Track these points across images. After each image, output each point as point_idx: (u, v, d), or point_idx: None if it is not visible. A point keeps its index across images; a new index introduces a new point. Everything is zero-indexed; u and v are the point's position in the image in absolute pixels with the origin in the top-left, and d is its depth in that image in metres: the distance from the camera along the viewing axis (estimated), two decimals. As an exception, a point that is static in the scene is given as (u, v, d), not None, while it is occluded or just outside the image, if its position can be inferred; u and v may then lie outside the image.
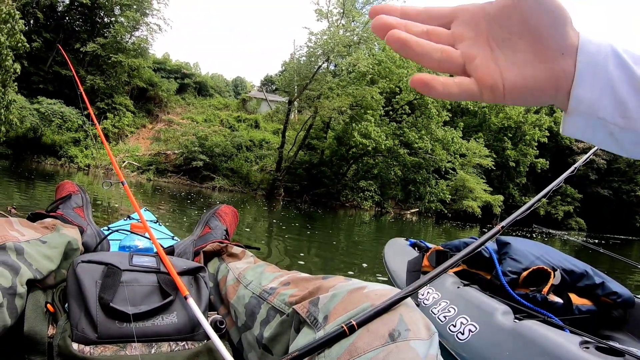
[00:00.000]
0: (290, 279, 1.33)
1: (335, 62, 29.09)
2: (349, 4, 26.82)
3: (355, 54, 25.35)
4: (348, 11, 26.63)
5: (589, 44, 0.48)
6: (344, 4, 26.69)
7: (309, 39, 27.02)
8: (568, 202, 43.09)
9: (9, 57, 13.59)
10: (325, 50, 25.42)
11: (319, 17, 27.58)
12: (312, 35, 26.78)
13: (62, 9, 33.24)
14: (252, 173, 29.40)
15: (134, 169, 28.32)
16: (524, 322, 2.07)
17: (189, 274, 1.53)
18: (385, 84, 28.06)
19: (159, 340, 1.32)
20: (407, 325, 0.90)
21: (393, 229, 18.11)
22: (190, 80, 41.44)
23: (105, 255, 1.46)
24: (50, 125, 27.28)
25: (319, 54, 26.61)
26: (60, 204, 2.04)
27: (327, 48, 25.15)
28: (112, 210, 9.93)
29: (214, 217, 2.17)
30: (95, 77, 30.15)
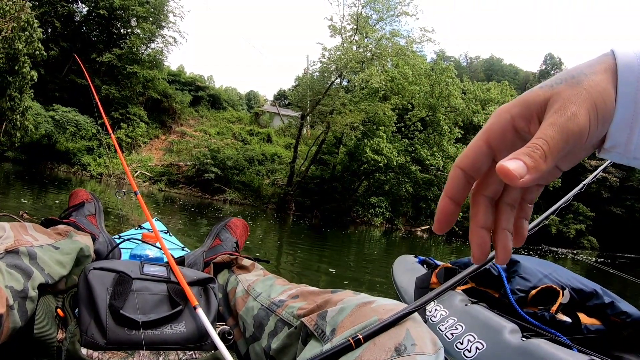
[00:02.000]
0: (299, 292, 1.34)
1: (348, 77, 29.20)
2: (362, 20, 26.94)
3: (368, 70, 25.38)
4: (362, 27, 26.73)
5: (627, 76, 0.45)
6: (358, 21, 26.81)
7: (322, 54, 27.12)
8: (580, 220, 42.62)
9: (26, 65, 13.76)
10: (339, 66, 25.49)
11: (332, 33, 27.71)
12: (326, 50, 26.89)
13: (80, 18, 33.63)
14: (264, 187, 29.43)
15: (146, 179, 28.43)
16: (532, 341, 2.06)
17: (198, 284, 1.55)
18: (398, 101, 28.05)
19: (167, 349, 1.33)
20: (414, 339, 0.91)
21: (403, 246, 18.05)
22: (204, 93, 41.62)
23: (117, 263, 1.48)
24: (65, 133, 27.53)
25: (332, 69, 26.69)
26: (73, 211, 2.06)
27: (340, 64, 25.22)
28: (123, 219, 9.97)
29: (225, 229, 2.18)
30: (111, 87, 30.40)
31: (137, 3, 32.48)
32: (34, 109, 21.51)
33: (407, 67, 27.70)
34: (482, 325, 2.37)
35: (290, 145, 32.18)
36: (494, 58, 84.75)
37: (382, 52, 26.34)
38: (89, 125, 28.53)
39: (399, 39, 27.80)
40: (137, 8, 32.30)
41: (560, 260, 19.51)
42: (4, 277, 1.16)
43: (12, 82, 13.91)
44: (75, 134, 28.11)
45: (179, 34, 35.25)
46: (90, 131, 28.51)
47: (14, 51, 13.09)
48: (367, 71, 25.36)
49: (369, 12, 28.06)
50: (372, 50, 26.59)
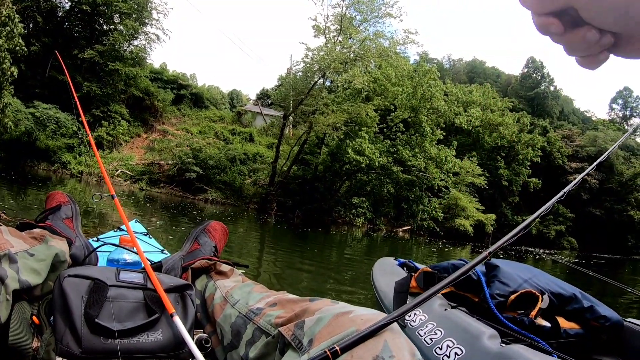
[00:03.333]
0: (277, 300, 1.33)
1: (331, 78, 29.22)
2: (346, 21, 26.96)
3: (351, 71, 25.41)
4: (345, 28, 26.76)
5: None
6: (342, 21, 26.83)
7: (306, 54, 27.09)
8: (560, 221, 43.12)
9: (6, 60, 13.60)
10: (322, 66, 25.48)
11: (316, 33, 27.71)
12: (309, 50, 26.87)
13: (62, 14, 33.27)
14: (245, 186, 29.36)
15: (126, 178, 28.24)
16: (511, 347, 2.06)
17: (175, 291, 1.53)
18: (381, 102, 28.14)
19: (143, 358, 1.32)
20: (392, 351, 0.90)
21: (384, 247, 18.11)
22: (186, 91, 41.42)
23: (92, 270, 1.46)
24: (45, 130, 27.18)
25: (315, 69, 26.68)
26: (49, 214, 2.03)
27: (323, 64, 25.22)
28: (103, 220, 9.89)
29: (204, 233, 2.16)
30: (92, 84, 30.11)
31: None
32: (14, 105, 21.25)
33: (390, 69, 27.82)
34: (461, 330, 2.37)
35: (273, 145, 32.13)
36: (476, 60, 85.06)
37: (366, 53, 26.37)
38: (69, 123, 28.21)
39: (382, 40, 27.85)
40: (120, 4, 32.01)
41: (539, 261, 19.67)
42: None
43: (-9, 78, 13.76)
44: (55, 132, 27.78)
45: (162, 31, 35.04)
46: (71, 129, 28.19)
47: (-6, 47, 12.95)
48: (350, 72, 25.39)
49: (353, 13, 28.12)
50: (355, 51, 26.62)
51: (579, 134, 50.29)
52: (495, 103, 39.49)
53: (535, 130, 42.74)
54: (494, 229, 34.52)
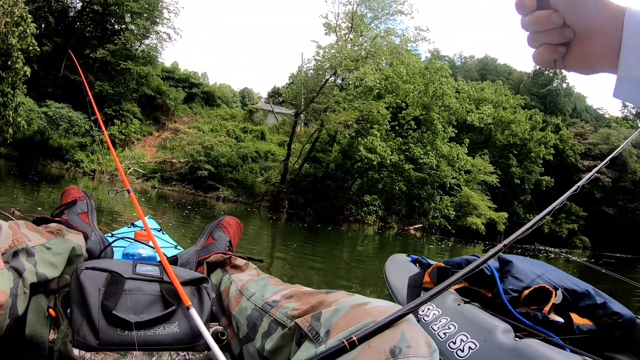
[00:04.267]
0: (293, 293, 1.33)
1: (343, 76, 29.17)
2: (357, 19, 26.91)
3: (362, 69, 25.36)
4: (356, 26, 26.71)
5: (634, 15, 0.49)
6: (353, 19, 26.78)
7: (317, 52, 27.08)
8: (573, 220, 42.74)
9: (19, 60, 13.67)
10: (333, 64, 25.46)
11: (327, 31, 27.66)
12: (320, 48, 26.85)
13: (74, 14, 33.46)
14: (257, 184, 29.40)
15: (139, 176, 28.35)
16: (525, 341, 2.06)
17: (191, 284, 1.54)
18: (392, 99, 28.08)
19: (160, 350, 1.33)
20: (408, 341, 0.90)
21: (396, 245, 18.07)
22: (198, 90, 41.52)
23: (109, 263, 1.47)
24: (58, 129, 27.39)
25: (326, 67, 26.65)
26: (65, 209, 2.04)
27: (334, 62, 25.19)
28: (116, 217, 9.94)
29: (218, 228, 2.17)
30: (104, 83, 30.26)
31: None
32: (26, 104, 21.38)
33: (402, 66, 27.74)
34: (475, 325, 2.37)
35: (284, 143, 32.16)
36: (488, 58, 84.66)
37: (377, 51, 26.28)
38: (82, 122, 28.40)
39: (393, 37, 27.76)
40: (131, 4, 32.15)
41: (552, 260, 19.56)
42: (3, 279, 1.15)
43: (4, 77, 13.82)
44: (68, 131, 27.98)
45: (174, 30, 35.14)
46: (83, 127, 28.39)
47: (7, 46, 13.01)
48: (362, 70, 25.33)
49: (364, 11, 28.06)
50: (366, 48, 26.54)
51: (592, 131, 49.94)
52: (507, 100, 39.31)
53: (548, 127, 42.44)
54: (506, 228, 34.30)
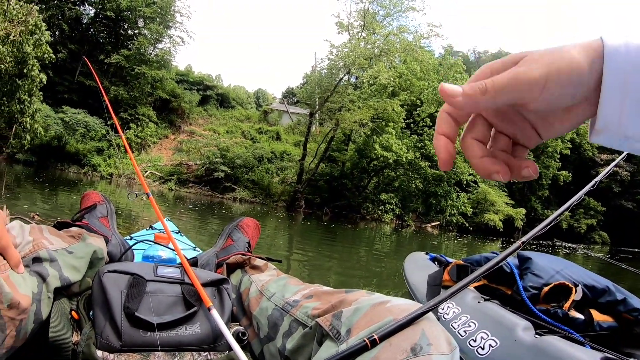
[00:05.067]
0: (313, 292, 1.34)
1: (357, 74, 29.12)
2: (369, 17, 26.87)
3: (376, 67, 25.31)
4: (369, 24, 26.66)
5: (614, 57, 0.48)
6: (365, 17, 26.75)
7: (330, 51, 27.07)
8: (591, 215, 42.19)
9: (35, 67, 13.82)
10: (347, 62, 25.44)
11: (339, 29, 27.65)
12: (333, 47, 26.83)
13: (87, 21, 33.83)
14: (273, 185, 29.45)
15: (155, 179, 28.53)
16: (545, 338, 2.05)
17: (212, 285, 1.56)
18: (407, 97, 27.99)
19: (182, 350, 1.34)
20: (429, 339, 0.91)
21: (413, 243, 18.01)
22: (212, 92, 41.68)
23: (131, 265, 1.49)
24: (74, 134, 27.72)
25: (340, 66, 26.64)
26: (85, 213, 2.06)
27: (348, 61, 25.17)
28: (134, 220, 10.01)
29: (237, 229, 2.19)
30: (119, 88, 30.55)
31: (144, 4, 32.63)
32: (43, 111, 21.60)
33: (415, 63, 27.63)
34: (495, 323, 2.37)
35: (300, 143, 32.17)
36: (502, 52, 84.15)
37: (390, 48, 26.22)
38: (98, 127, 28.71)
39: (406, 34, 27.69)
40: (144, 9, 32.43)
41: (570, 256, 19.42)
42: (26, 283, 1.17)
43: (21, 85, 13.98)
44: (84, 135, 28.30)
45: (186, 33, 35.38)
46: (99, 132, 28.69)
47: (23, 54, 13.16)
48: (375, 67, 25.29)
49: (376, 8, 27.99)
50: (379, 46, 26.49)
51: (610, 124, 49.30)
52: (523, 95, 39.09)
53: (564, 122, 42.12)
54: (523, 224, 34.05)
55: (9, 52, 12.58)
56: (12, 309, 1.07)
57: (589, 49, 0.50)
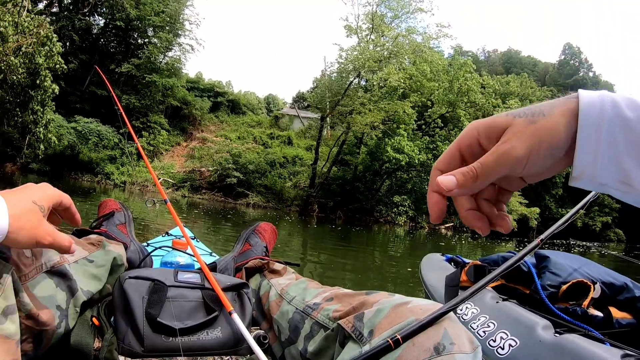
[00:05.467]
0: (333, 295, 1.34)
1: (367, 77, 29.13)
2: (377, 19, 26.87)
3: (386, 69, 25.32)
4: (377, 26, 26.66)
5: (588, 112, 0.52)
6: (373, 20, 26.75)
7: (340, 55, 27.12)
8: (606, 212, 41.83)
9: (47, 78, 13.94)
10: (356, 65, 25.46)
11: (348, 33, 27.70)
12: (343, 51, 26.88)
13: (97, 31, 34.13)
14: (286, 189, 29.47)
15: (169, 186, 28.66)
16: (565, 336, 2.04)
17: (232, 290, 1.56)
18: (417, 98, 27.94)
19: (204, 354, 1.35)
20: (452, 338, 0.91)
21: (427, 244, 17.96)
22: (223, 99, 41.83)
23: (151, 271, 1.50)
24: (87, 143, 27.97)
25: (349, 69, 26.67)
26: (103, 220, 2.07)
27: (357, 64, 25.19)
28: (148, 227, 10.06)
29: (254, 234, 2.19)
30: (130, 96, 30.76)
31: (153, 13, 32.84)
32: (56, 121, 21.83)
33: (425, 64, 27.59)
34: (514, 322, 2.36)
35: (311, 147, 32.20)
36: (511, 50, 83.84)
37: (399, 50, 26.23)
38: (110, 135, 28.93)
39: (415, 36, 27.71)
40: (153, 18, 32.66)
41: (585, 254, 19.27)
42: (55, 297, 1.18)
43: (34, 96, 14.12)
44: (97, 144, 28.53)
45: (196, 41, 35.60)
46: (112, 141, 28.91)
47: (35, 66, 13.29)
48: (385, 70, 25.31)
49: (384, 11, 28.03)
50: (389, 48, 26.50)
51: (622, 120, 48.85)
52: (534, 93, 38.84)
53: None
54: (538, 223, 33.81)
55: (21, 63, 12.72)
56: (30, 320, 1.08)
57: (567, 112, 0.54)
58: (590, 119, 0.52)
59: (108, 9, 33.09)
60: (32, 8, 14.62)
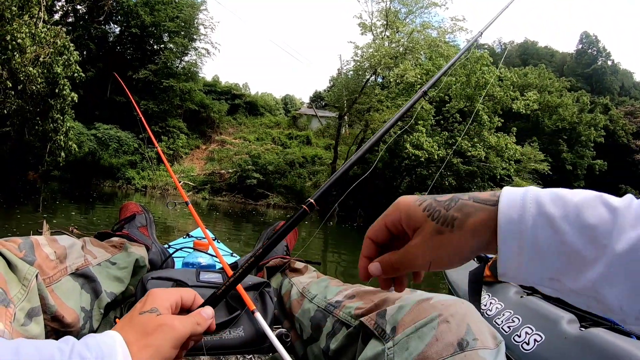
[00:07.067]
0: (355, 292, 1.34)
1: (383, 74, 29.03)
2: (392, 15, 26.79)
3: (402, 65, 25.22)
4: (392, 22, 26.58)
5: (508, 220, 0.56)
6: (387, 16, 26.68)
7: (355, 53, 27.10)
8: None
9: (66, 87, 14.08)
10: (372, 63, 25.41)
11: (363, 30, 27.63)
12: (358, 49, 26.85)
13: (113, 39, 34.46)
14: (306, 189, 29.47)
15: (189, 189, 28.84)
16: (591, 330, 2.02)
17: (254, 289, 1.57)
18: (434, 93, 27.75)
19: (226, 353, 1.36)
20: (475, 334, 0.90)
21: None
22: (240, 101, 42.00)
23: (173, 272, 1.51)
24: (108, 149, 28.28)
25: (366, 67, 26.63)
26: (125, 223, 2.09)
27: (373, 61, 25.14)
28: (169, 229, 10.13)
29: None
30: (148, 102, 31.00)
31: (168, 19, 33.11)
32: (76, 128, 22.00)
33: (441, 59, 27.42)
34: (539, 317, 2.34)
35: (330, 146, 32.18)
36: (528, 42, 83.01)
37: (415, 46, 26.12)
38: (130, 140, 29.22)
39: (430, 30, 27.54)
40: (167, 24, 32.93)
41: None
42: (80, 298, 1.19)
43: (53, 104, 14.26)
44: (117, 150, 28.82)
45: (211, 45, 35.88)
46: (132, 146, 29.19)
47: (53, 75, 13.43)
48: (401, 66, 25.20)
49: (398, 7, 27.89)
50: (404, 44, 26.41)
51: (642, 108, 48.15)
52: (552, 84, 38.38)
53: (596, 109, 41.08)
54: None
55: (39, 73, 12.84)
56: (56, 321, 1.10)
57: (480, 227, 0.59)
58: (510, 227, 0.55)
59: (123, 16, 33.36)
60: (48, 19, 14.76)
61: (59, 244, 1.26)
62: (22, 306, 0.97)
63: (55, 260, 1.18)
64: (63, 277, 1.19)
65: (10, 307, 0.91)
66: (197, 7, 35.04)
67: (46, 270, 1.13)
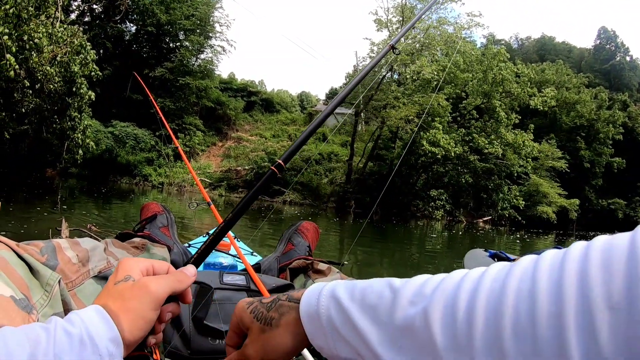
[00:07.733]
0: None
1: (399, 71, 28.93)
2: (407, 11, 26.67)
3: (418, 62, 25.11)
4: (407, 19, 26.43)
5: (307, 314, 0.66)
6: (403, 12, 26.56)
7: (371, 49, 27.02)
8: (649, 203, 40.50)
9: (83, 85, 14.16)
10: (388, 59, 25.28)
11: (378, 27, 27.56)
12: (374, 45, 26.77)
13: (129, 37, 34.66)
14: (322, 186, 29.49)
15: (206, 186, 28.88)
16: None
17: (278, 291, 1.55)
18: (451, 90, 27.61)
19: None
20: None
21: (465, 239, 17.76)
22: (256, 98, 42.08)
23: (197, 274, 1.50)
24: (125, 147, 28.49)
25: (382, 63, 26.51)
26: (146, 223, 2.08)
27: (389, 57, 25.01)
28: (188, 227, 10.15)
29: (296, 234, 2.18)
30: (165, 99, 31.11)
31: (183, 17, 33.24)
32: (93, 126, 22.14)
33: (458, 55, 27.24)
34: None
35: (346, 143, 32.17)
36: (545, 37, 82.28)
37: (431, 42, 25.99)
38: (147, 138, 29.38)
39: (446, 26, 27.42)
40: (183, 22, 33.06)
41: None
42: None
43: (71, 103, 14.36)
44: (134, 147, 29.01)
45: (227, 42, 35.88)
46: (149, 143, 29.35)
47: (71, 74, 13.50)
48: (418, 62, 25.09)
49: (413, 2, 27.76)
50: (420, 40, 26.29)
51: (662, 105, 47.45)
52: (570, 80, 38.08)
53: (615, 105, 40.57)
54: (578, 215, 33.04)
55: (57, 72, 12.92)
56: None
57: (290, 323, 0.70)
58: (310, 319, 0.66)
59: (139, 15, 33.53)
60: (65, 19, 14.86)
61: (81, 247, 1.24)
62: (44, 312, 0.95)
63: (77, 264, 1.17)
64: (85, 281, 1.18)
65: (32, 314, 0.89)
66: (212, 4, 35.18)
67: (68, 274, 1.12)
